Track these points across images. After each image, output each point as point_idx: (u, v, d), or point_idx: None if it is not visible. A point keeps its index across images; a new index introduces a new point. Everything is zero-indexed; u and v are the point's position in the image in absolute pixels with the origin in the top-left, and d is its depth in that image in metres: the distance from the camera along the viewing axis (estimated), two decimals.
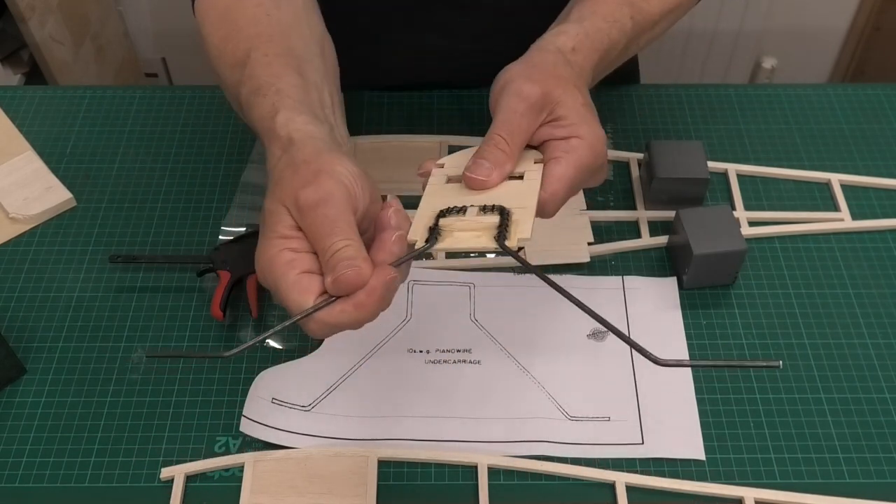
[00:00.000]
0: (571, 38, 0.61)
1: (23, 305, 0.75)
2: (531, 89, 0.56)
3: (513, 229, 0.51)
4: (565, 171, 0.55)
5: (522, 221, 0.52)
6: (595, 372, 0.70)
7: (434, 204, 0.54)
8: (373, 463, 0.64)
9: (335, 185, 0.51)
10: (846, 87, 0.94)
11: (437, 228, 0.52)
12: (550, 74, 0.57)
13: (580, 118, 0.56)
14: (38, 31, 1.46)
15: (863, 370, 0.71)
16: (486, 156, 0.55)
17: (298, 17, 0.67)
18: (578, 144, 0.56)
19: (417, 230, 0.53)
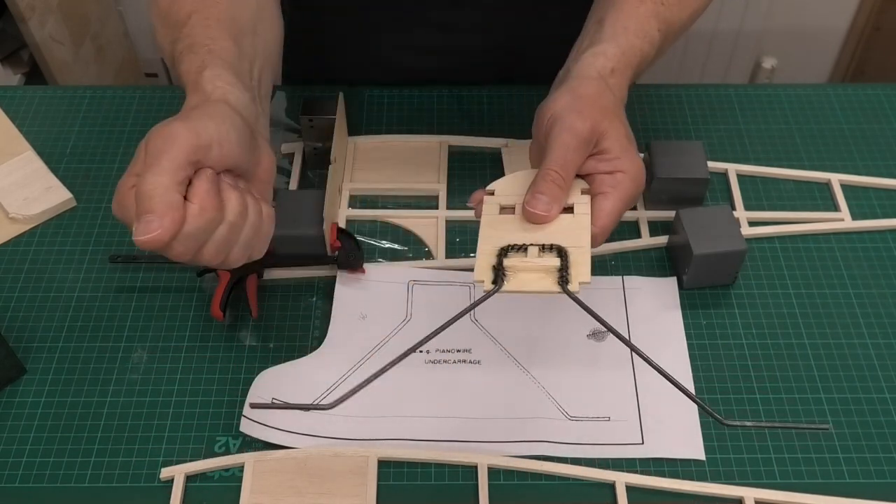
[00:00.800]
0: (610, 60, 0.63)
1: (23, 305, 0.75)
2: (582, 125, 0.58)
3: (573, 272, 0.55)
4: (614, 206, 0.58)
5: (581, 263, 0.55)
6: (595, 372, 0.70)
7: (493, 239, 0.57)
8: (373, 463, 0.64)
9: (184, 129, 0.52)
10: (846, 87, 0.94)
11: (501, 269, 0.55)
12: (597, 107, 0.59)
13: (623, 151, 0.59)
14: (38, 31, 1.46)
15: (863, 370, 0.71)
16: (544, 191, 0.57)
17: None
18: (623, 179, 0.59)
19: (483, 269, 0.56)
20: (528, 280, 0.55)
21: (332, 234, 0.75)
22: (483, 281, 0.56)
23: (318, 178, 0.84)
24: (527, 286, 0.55)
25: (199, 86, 0.59)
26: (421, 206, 0.82)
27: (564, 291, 0.54)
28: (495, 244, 0.57)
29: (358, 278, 0.75)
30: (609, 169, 0.59)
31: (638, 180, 0.60)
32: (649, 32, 0.65)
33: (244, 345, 0.72)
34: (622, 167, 0.59)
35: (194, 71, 0.60)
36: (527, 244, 0.56)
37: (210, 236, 0.53)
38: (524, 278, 0.55)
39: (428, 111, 0.90)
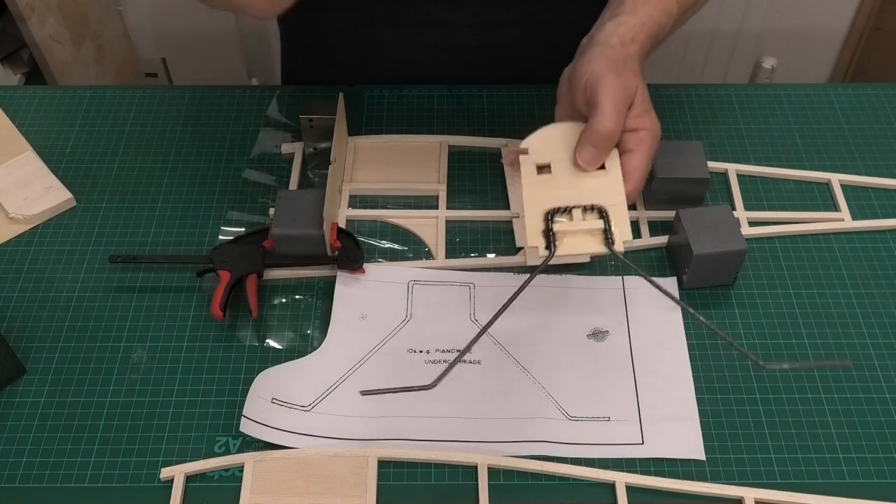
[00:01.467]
0: (631, 30, 0.66)
1: (23, 305, 0.75)
2: (625, 82, 0.63)
3: (616, 231, 0.60)
4: (641, 162, 0.63)
5: (621, 222, 0.61)
6: (595, 372, 0.70)
7: (538, 202, 0.61)
8: (373, 463, 0.64)
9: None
10: (846, 87, 0.94)
11: (552, 234, 0.60)
12: (628, 68, 0.64)
13: (646, 109, 0.64)
14: (38, 31, 1.46)
15: (863, 370, 0.71)
16: (596, 144, 0.62)
17: None
18: (646, 136, 0.64)
19: (535, 235, 0.60)
20: (577, 243, 0.60)
21: (332, 234, 0.75)
22: (537, 247, 0.60)
23: (318, 178, 0.84)
24: (576, 248, 0.60)
25: None
26: (421, 206, 0.82)
27: (611, 251, 0.60)
28: (541, 208, 0.60)
29: (358, 278, 0.75)
30: (633, 126, 0.64)
31: (657, 136, 0.65)
32: (668, 5, 0.69)
33: (244, 345, 0.72)
34: (644, 124, 0.64)
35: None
36: (570, 206, 0.60)
37: None
38: (573, 241, 0.60)
39: (428, 111, 0.90)
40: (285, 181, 0.83)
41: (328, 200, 0.74)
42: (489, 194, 0.83)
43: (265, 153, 0.86)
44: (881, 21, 1.77)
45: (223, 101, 0.91)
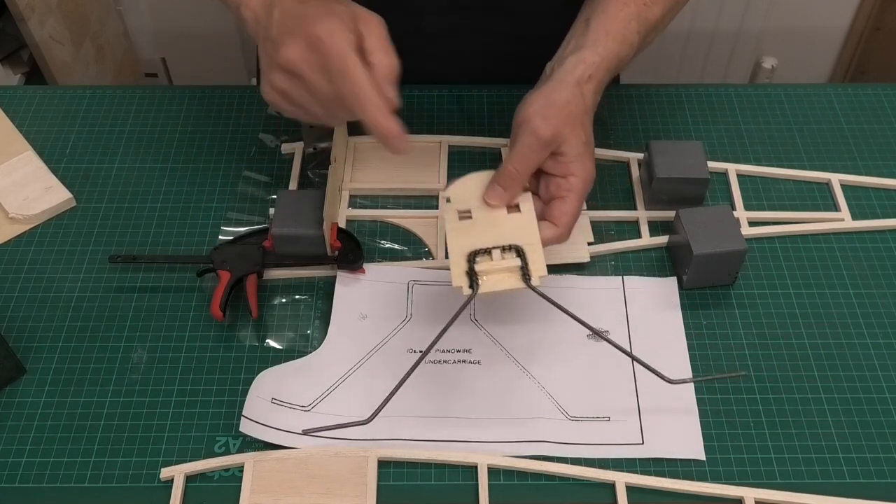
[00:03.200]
0: (589, 68, 0.68)
1: (23, 305, 0.75)
2: (545, 130, 0.65)
3: (532, 268, 0.63)
4: (571, 207, 0.66)
5: (537, 259, 0.64)
6: (595, 372, 0.70)
7: (460, 245, 0.65)
8: (373, 463, 0.64)
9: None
10: (846, 87, 0.94)
11: (474, 274, 0.63)
12: (563, 113, 0.66)
13: (578, 156, 0.66)
14: (38, 31, 1.46)
15: (863, 370, 0.71)
16: (502, 184, 0.66)
17: None
18: (576, 182, 0.66)
19: (459, 276, 0.64)
20: (497, 280, 0.64)
21: (332, 234, 0.75)
22: (461, 287, 0.63)
23: (318, 178, 0.84)
24: (497, 286, 0.64)
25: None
26: (421, 206, 0.82)
27: (528, 286, 0.63)
28: (463, 250, 0.64)
29: (358, 278, 0.75)
30: (562, 172, 0.66)
31: (588, 181, 0.67)
32: (628, 37, 0.70)
33: (244, 345, 0.72)
34: (574, 171, 0.66)
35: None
36: (490, 248, 0.64)
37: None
38: (493, 279, 0.64)
39: (428, 111, 0.90)
40: (285, 181, 0.83)
41: (328, 200, 0.74)
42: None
43: (265, 153, 0.86)
44: (881, 21, 1.77)
45: (223, 101, 0.91)
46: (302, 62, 0.59)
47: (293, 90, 0.61)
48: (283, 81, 0.60)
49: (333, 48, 0.57)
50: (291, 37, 0.59)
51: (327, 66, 0.58)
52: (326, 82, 0.59)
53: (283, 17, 0.61)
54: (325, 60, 0.58)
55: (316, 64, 0.58)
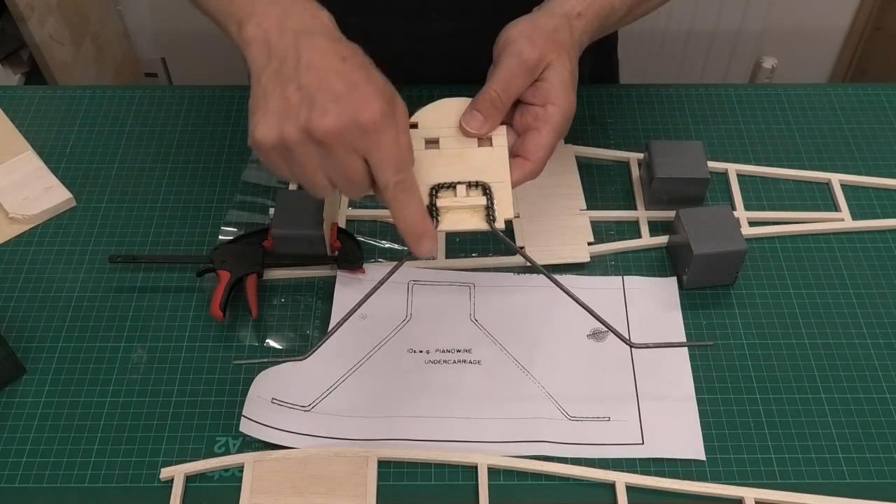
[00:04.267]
0: (579, 4, 0.64)
1: (23, 305, 0.75)
2: (531, 52, 0.60)
3: (498, 209, 0.59)
4: (546, 140, 0.60)
5: (504, 199, 0.59)
6: (595, 372, 0.70)
7: (423, 177, 0.59)
8: (373, 463, 0.64)
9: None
10: (846, 87, 0.94)
11: (435, 209, 0.59)
12: (550, 39, 0.61)
13: (560, 84, 0.61)
14: (38, 31, 1.46)
15: (863, 370, 0.71)
16: (481, 109, 0.60)
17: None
18: (554, 112, 0.60)
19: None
20: (459, 219, 0.59)
21: (332, 234, 0.75)
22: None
23: None
24: (458, 225, 0.59)
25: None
26: None
27: (491, 228, 0.59)
28: (426, 183, 0.59)
29: (358, 278, 0.75)
30: (542, 101, 0.61)
31: (568, 114, 0.61)
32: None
33: (244, 345, 0.72)
34: (554, 100, 0.60)
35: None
36: (454, 182, 0.59)
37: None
38: (455, 216, 0.59)
39: None
40: (285, 181, 0.83)
41: (328, 200, 0.74)
42: None
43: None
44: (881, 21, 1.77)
45: (223, 101, 0.91)
46: (339, 138, 0.52)
47: (307, 157, 0.54)
48: (299, 144, 0.53)
49: (387, 139, 0.53)
50: (336, 104, 0.52)
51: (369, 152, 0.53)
52: (356, 165, 0.54)
53: (321, 70, 0.53)
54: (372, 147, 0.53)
55: (353, 145, 0.53)
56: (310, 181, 0.56)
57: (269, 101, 0.54)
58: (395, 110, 0.54)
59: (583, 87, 0.91)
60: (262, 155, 0.55)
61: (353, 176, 0.54)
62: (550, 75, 0.61)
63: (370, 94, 0.53)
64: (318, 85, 0.53)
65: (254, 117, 0.54)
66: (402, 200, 0.55)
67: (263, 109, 0.54)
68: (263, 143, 0.54)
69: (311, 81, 0.53)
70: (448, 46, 0.90)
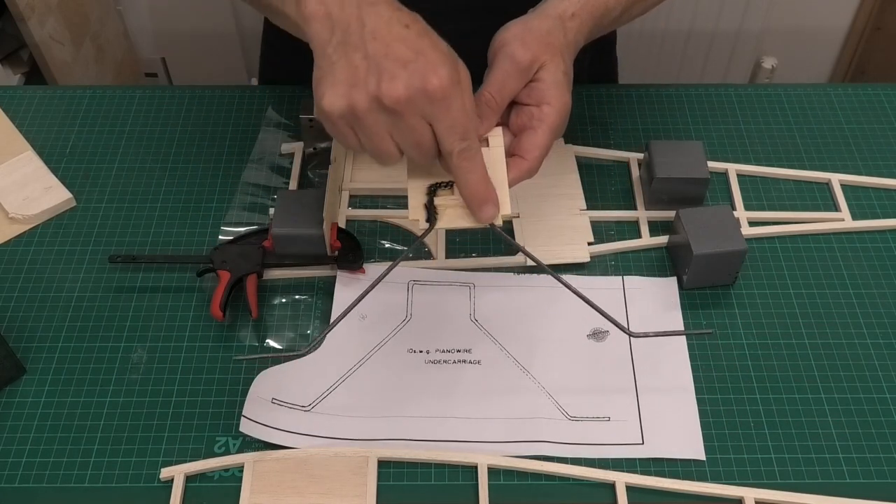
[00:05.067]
0: (573, 5, 0.65)
1: (23, 305, 0.75)
2: (523, 54, 0.61)
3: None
4: (542, 140, 0.61)
5: (501, 197, 0.59)
6: (595, 372, 0.70)
7: (421, 176, 0.60)
8: (373, 463, 0.64)
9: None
10: (846, 87, 0.94)
11: (433, 207, 0.59)
12: (543, 41, 0.62)
13: (555, 84, 0.62)
14: (38, 31, 1.46)
15: (863, 370, 0.71)
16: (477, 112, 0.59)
17: None
18: (549, 111, 0.61)
19: (416, 208, 0.60)
20: (457, 216, 0.60)
21: (332, 234, 0.75)
22: (418, 220, 0.60)
23: (318, 178, 0.84)
24: (457, 222, 0.60)
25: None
26: None
27: (490, 225, 0.59)
28: (423, 182, 0.60)
29: (358, 278, 0.75)
30: (537, 100, 0.61)
31: (563, 113, 0.62)
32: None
33: (244, 345, 0.72)
34: (549, 99, 0.61)
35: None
36: (452, 180, 0.59)
37: None
38: (453, 214, 0.60)
39: None
40: (285, 181, 0.83)
41: (328, 200, 0.74)
42: None
43: (265, 153, 0.86)
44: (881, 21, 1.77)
45: (223, 101, 0.91)
46: (408, 105, 0.53)
47: (375, 125, 0.55)
48: (369, 112, 0.54)
49: (455, 106, 0.54)
50: (404, 71, 0.53)
51: (436, 118, 0.54)
52: (425, 131, 0.55)
53: (386, 37, 0.54)
54: (439, 113, 0.54)
55: (422, 112, 0.54)
56: (377, 149, 0.56)
57: (335, 71, 0.54)
58: (461, 76, 0.55)
59: (583, 87, 0.92)
60: (329, 125, 0.56)
61: (422, 142, 0.55)
62: (544, 76, 0.61)
63: (437, 61, 0.54)
64: (385, 52, 0.53)
65: (320, 87, 0.55)
66: (467, 168, 0.57)
67: (330, 79, 0.54)
68: (331, 112, 0.54)
69: (377, 49, 0.53)
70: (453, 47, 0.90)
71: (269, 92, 0.92)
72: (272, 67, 1.04)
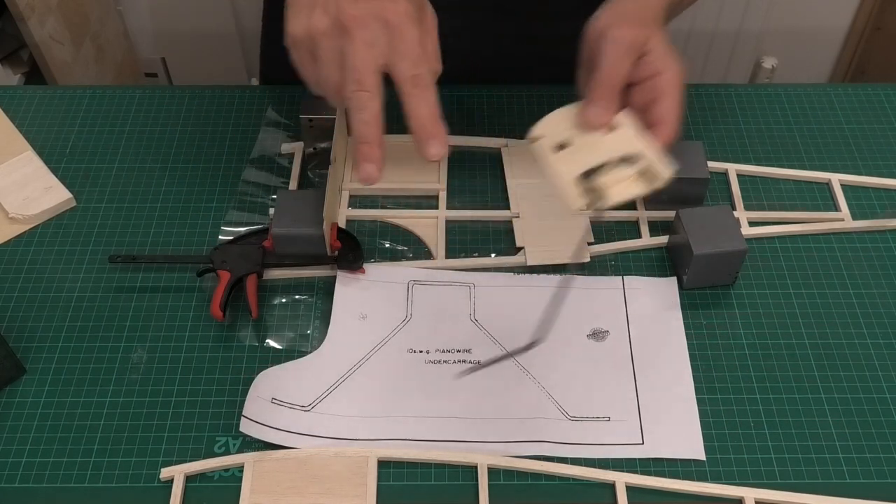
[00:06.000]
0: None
1: (23, 305, 0.75)
2: (626, 34, 0.62)
3: (657, 168, 0.60)
4: (671, 104, 0.62)
5: (656, 160, 0.60)
6: (595, 372, 0.71)
7: (567, 171, 0.60)
8: (373, 463, 0.64)
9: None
10: (846, 87, 0.94)
11: (597, 188, 0.60)
12: (637, 19, 0.63)
13: (664, 54, 0.63)
14: (38, 31, 1.46)
15: (863, 370, 0.71)
16: (597, 98, 0.62)
17: None
18: (669, 76, 0.62)
19: (575, 198, 0.60)
20: (626, 188, 0.60)
21: (332, 234, 0.75)
22: (583, 206, 0.60)
23: (318, 178, 0.84)
24: (627, 193, 0.60)
25: None
26: (421, 206, 0.82)
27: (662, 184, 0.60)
28: (572, 174, 0.60)
29: (358, 278, 0.75)
30: (651, 72, 0.62)
31: (680, 76, 0.63)
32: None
33: (244, 345, 0.72)
34: (664, 67, 0.62)
35: None
36: (603, 163, 0.60)
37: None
38: (621, 188, 0.60)
39: None
40: (285, 181, 0.83)
41: (328, 200, 0.74)
42: (489, 194, 0.83)
43: (265, 153, 0.86)
44: (881, 21, 1.77)
45: (223, 101, 0.91)
46: (363, 27, 0.56)
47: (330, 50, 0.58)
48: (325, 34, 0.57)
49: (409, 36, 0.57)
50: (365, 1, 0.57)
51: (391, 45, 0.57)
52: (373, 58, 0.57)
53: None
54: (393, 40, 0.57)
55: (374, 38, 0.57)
56: (327, 77, 0.59)
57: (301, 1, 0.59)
58: (425, 16, 0.58)
59: None
60: (293, 51, 0.60)
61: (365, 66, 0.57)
62: (652, 48, 0.63)
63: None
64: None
65: (289, 13, 0.59)
66: (417, 95, 0.58)
67: (296, 8, 0.59)
68: (294, 35, 0.59)
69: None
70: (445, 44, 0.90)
71: (269, 92, 0.92)
72: (273, 64, 1.04)
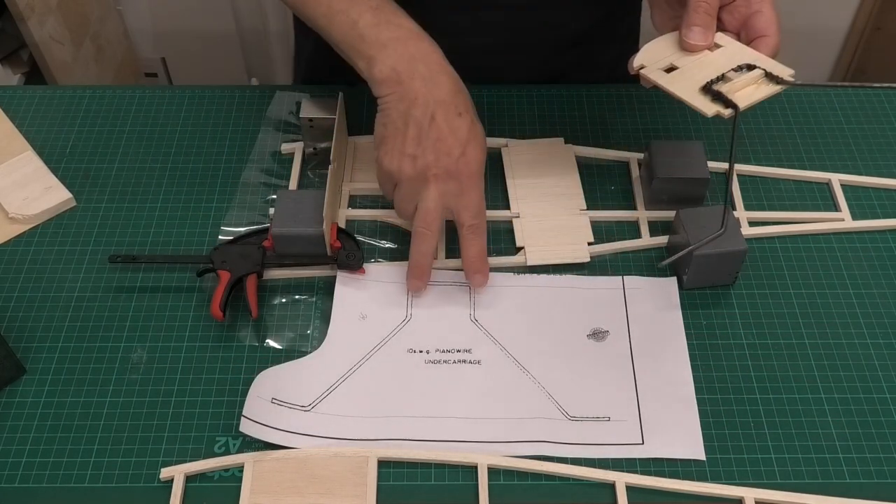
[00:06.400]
0: None
1: (23, 305, 0.75)
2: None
3: (776, 71, 0.65)
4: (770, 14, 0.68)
5: (773, 65, 0.65)
6: (595, 372, 0.70)
7: (689, 87, 0.63)
8: (373, 463, 0.64)
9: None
10: (846, 87, 0.93)
11: (722, 95, 0.62)
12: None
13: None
14: (38, 31, 1.46)
15: (863, 370, 0.71)
16: (697, 21, 0.66)
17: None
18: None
19: (708, 105, 0.62)
20: (752, 91, 0.64)
21: (332, 234, 0.75)
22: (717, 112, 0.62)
23: (318, 178, 0.84)
24: (755, 96, 0.63)
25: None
26: None
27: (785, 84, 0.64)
28: (696, 86, 0.63)
29: (358, 278, 0.75)
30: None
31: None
32: None
33: (244, 345, 0.72)
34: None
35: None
36: (722, 73, 0.64)
37: None
38: (745, 93, 0.63)
39: None
40: (285, 181, 0.83)
41: (328, 200, 0.74)
42: (489, 194, 0.83)
43: (265, 153, 0.86)
44: (881, 21, 1.77)
45: (223, 101, 0.91)
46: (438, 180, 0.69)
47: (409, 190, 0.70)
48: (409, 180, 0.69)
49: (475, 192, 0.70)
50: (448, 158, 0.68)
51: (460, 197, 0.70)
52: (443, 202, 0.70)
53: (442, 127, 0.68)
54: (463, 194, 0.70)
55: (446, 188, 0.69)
56: (401, 208, 0.72)
57: (396, 140, 0.69)
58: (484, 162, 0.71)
59: (583, 87, 0.92)
60: (379, 174, 0.72)
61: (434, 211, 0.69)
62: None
63: (474, 158, 0.70)
64: (438, 137, 0.68)
65: (383, 146, 0.70)
66: (472, 239, 0.71)
67: (392, 144, 0.69)
68: (386, 170, 0.70)
69: (433, 134, 0.68)
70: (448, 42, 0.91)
71: (269, 92, 0.92)
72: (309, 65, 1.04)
